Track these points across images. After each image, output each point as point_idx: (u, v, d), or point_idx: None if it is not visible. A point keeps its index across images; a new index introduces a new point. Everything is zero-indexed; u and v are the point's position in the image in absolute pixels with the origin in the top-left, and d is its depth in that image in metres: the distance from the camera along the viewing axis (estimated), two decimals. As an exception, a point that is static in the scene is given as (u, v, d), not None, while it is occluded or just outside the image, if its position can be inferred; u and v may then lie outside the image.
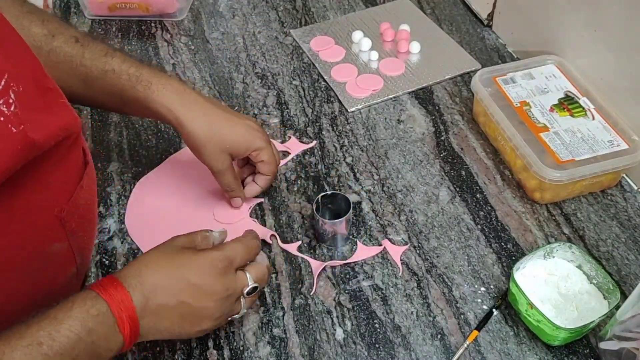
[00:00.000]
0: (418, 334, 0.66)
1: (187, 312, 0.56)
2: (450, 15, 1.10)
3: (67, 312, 0.50)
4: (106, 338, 0.51)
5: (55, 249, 0.56)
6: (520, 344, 0.65)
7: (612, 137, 0.78)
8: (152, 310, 0.54)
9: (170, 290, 0.55)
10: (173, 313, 0.55)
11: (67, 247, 0.57)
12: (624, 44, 0.78)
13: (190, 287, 0.56)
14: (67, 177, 0.57)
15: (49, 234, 0.55)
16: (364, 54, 1.01)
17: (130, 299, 0.53)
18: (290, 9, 1.12)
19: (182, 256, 0.58)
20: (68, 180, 0.57)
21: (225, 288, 0.58)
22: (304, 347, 0.65)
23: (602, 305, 0.64)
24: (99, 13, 1.09)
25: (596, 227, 0.75)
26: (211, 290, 0.57)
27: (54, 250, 0.56)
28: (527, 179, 0.78)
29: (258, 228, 0.75)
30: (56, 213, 0.55)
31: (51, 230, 0.55)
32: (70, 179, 0.58)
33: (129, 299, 0.53)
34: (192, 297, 0.56)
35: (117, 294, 0.53)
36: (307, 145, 0.86)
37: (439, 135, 0.88)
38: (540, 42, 0.94)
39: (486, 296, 0.69)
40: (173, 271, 0.56)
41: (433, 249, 0.73)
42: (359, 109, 0.92)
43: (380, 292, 0.69)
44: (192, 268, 0.57)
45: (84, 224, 0.61)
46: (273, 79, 0.97)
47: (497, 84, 0.86)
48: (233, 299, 0.59)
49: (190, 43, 1.05)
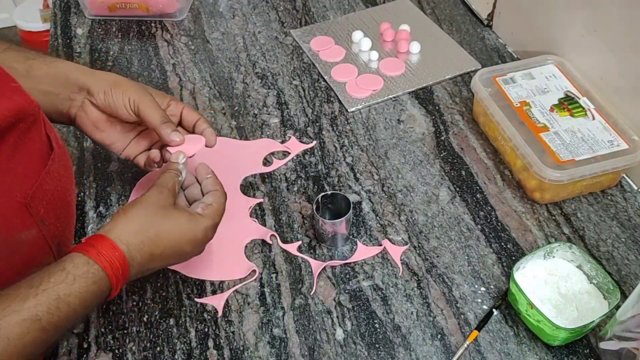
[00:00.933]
0: (418, 334, 0.66)
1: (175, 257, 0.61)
2: (451, 15, 1.10)
3: (69, 287, 0.52)
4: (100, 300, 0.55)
5: (25, 237, 0.56)
6: (520, 344, 0.65)
7: (612, 137, 0.78)
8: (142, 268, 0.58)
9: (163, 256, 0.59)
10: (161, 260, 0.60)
11: (38, 235, 0.57)
12: (624, 44, 0.78)
13: (184, 254, 0.62)
14: (29, 163, 0.57)
15: (15, 221, 0.55)
16: (364, 54, 1.01)
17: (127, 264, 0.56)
18: (290, 9, 1.12)
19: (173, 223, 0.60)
20: (30, 165, 0.58)
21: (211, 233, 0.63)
22: (304, 347, 0.65)
23: (602, 305, 0.64)
24: (99, 13, 1.09)
25: (596, 227, 0.75)
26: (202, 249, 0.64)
27: (24, 237, 0.56)
28: (527, 179, 0.78)
29: (258, 228, 0.75)
30: (20, 199, 0.55)
31: (17, 217, 0.55)
32: (32, 165, 0.58)
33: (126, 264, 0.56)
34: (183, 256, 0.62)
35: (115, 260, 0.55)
36: (307, 145, 0.86)
37: (439, 135, 0.88)
38: (540, 42, 0.94)
39: (486, 296, 0.69)
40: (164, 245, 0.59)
41: (433, 249, 0.73)
42: (359, 109, 0.92)
43: (381, 292, 0.69)
44: (185, 241, 0.60)
45: (57, 212, 0.61)
46: (273, 79, 0.97)
47: (497, 84, 0.86)
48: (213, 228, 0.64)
49: (190, 43, 1.05)
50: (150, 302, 0.68)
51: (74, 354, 0.64)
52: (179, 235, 0.60)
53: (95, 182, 0.81)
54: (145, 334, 0.66)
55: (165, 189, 0.62)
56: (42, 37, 2.23)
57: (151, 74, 0.98)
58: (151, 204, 0.60)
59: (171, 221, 0.59)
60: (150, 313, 0.67)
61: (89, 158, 0.84)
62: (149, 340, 0.65)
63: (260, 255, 0.73)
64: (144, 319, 0.67)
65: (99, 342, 0.65)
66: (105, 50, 1.03)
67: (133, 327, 0.66)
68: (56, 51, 1.03)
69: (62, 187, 0.63)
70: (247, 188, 0.81)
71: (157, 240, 0.58)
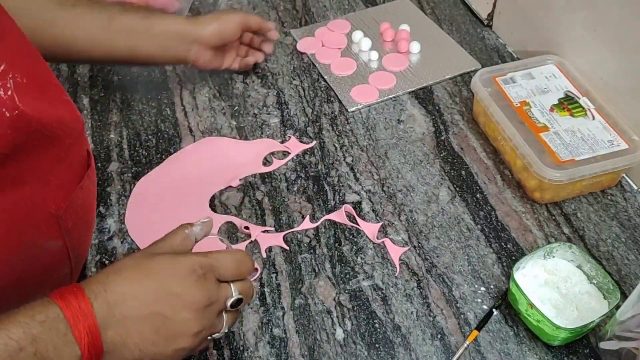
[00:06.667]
0: (418, 334, 0.66)
1: (161, 325, 0.49)
2: (450, 15, 1.10)
3: (10, 316, 0.44)
4: (56, 348, 0.44)
5: (50, 246, 0.56)
6: (520, 344, 0.65)
7: (612, 137, 0.78)
8: (119, 321, 0.47)
9: (141, 299, 0.48)
10: (144, 326, 0.48)
11: (62, 246, 0.57)
12: (624, 44, 0.78)
13: (165, 296, 0.49)
14: (67, 177, 0.57)
15: (44, 230, 0.55)
16: (364, 54, 1.01)
17: (90, 306, 0.46)
18: (290, 9, 1.12)
19: (158, 261, 0.51)
20: (68, 179, 0.57)
21: (205, 296, 0.50)
22: (304, 347, 0.65)
23: (602, 305, 0.64)
24: (99, 13, 1.09)
25: (596, 227, 0.75)
26: (189, 298, 0.49)
27: (48, 246, 0.56)
28: (527, 179, 0.78)
29: (257, 228, 0.76)
30: (53, 211, 0.55)
31: (46, 227, 0.55)
32: (70, 179, 0.58)
33: (89, 306, 0.46)
34: (167, 307, 0.49)
35: (75, 300, 0.46)
36: (307, 145, 0.86)
37: (439, 135, 0.88)
38: (540, 42, 0.94)
39: (486, 296, 0.69)
40: (145, 278, 0.49)
41: (433, 248, 0.73)
42: (359, 108, 0.92)
43: (380, 292, 0.69)
44: (167, 274, 0.50)
45: (81, 225, 0.61)
46: (273, 79, 0.97)
47: (497, 84, 0.86)
48: (214, 312, 0.52)
49: (190, 43, 1.04)
50: (150, 302, 0.68)
51: (74, 354, 0.64)
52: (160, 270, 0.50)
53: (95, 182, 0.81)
54: (145, 334, 0.66)
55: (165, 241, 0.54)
56: (42, 37, 2.22)
57: (151, 74, 0.98)
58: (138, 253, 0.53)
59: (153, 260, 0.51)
60: (150, 313, 0.67)
61: (89, 158, 0.84)
62: (149, 340, 0.65)
63: (260, 255, 0.73)
64: (144, 319, 0.67)
65: (99, 342, 0.65)
66: (105, 50, 1.03)
67: (133, 327, 0.66)
68: (56, 51, 1.03)
69: (89, 201, 0.63)
70: (247, 188, 0.81)
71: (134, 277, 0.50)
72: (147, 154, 0.85)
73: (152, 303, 0.49)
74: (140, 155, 0.85)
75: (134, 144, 0.86)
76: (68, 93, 0.93)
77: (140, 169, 0.83)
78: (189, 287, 0.50)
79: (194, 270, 0.50)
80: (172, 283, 0.49)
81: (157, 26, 0.81)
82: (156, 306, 0.49)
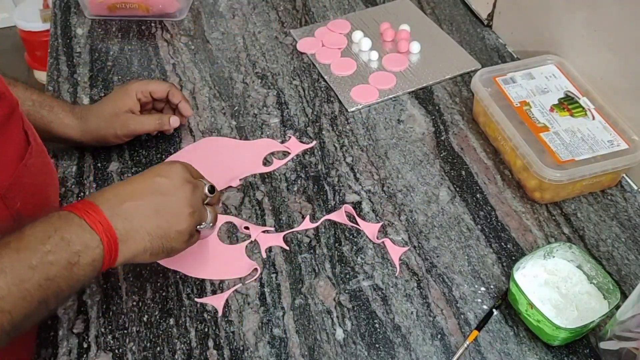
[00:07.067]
0: (418, 334, 0.66)
1: (160, 205, 0.58)
2: (450, 15, 1.10)
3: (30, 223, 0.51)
4: (77, 235, 0.52)
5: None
6: (520, 344, 0.65)
7: (612, 137, 0.78)
8: (123, 211, 0.56)
9: (136, 189, 0.58)
10: (145, 209, 0.57)
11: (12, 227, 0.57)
12: (624, 44, 0.78)
13: (157, 183, 0.59)
14: (6, 156, 0.59)
15: None
16: (364, 54, 1.01)
17: (93, 204, 0.55)
18: (290, 9, 1.12)
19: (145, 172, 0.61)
20: (7, 158, 0.59)
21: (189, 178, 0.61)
22: (304, 347, 0.65)
23: (602, 305, 0.64)
24: (99, 13, 1.09)
25: (596, 227, 0.75)
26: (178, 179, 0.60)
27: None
28: (527, 179, 0.78)
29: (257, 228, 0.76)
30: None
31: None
32: (9, 157, 0.59)
33: (92, 204, 0.55)
34: (161, 189, 0.59)
35: (79, 204, 0.54)
36: (307, 145, 0.86)
37: (439, 135, 0.88)
38: (540, 42, 0.94)
39: (486, 296, 0.69)
40: (132, 180, 0.60)
41: (433, 249, 0.73)
42: (359, 108, 0.92)
43: (380, 292, 0.69)
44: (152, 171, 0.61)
45: (35, 207, 0.62)
46: (273, 79, 0.97)
47: (497, 84, 0.86)
48: (199, 196, 0.62)
49: (190, 43, 1.05)
50: (150, 302, 0.68)
51: (74, 354, 0.64)
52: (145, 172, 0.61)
53: (95, 182, 0.81)
54: (145, 334, 0.66)
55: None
56: (42, 37, 2.23)
57: (151, 74, 0.98)
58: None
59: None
60: (150, 313, 0.67)
61: (88, 158, 0.84)
62: (149, 340, 0.65)
63: (260, 255, 0.73)
64: (144, 319, 0.67)
65: (99, 342, 0.65)
66: (105, 50, 1.03)
67: (133, 327, 0.66)
68: (56, 51, 1.03)
69: (41, 182, 0.64)
70: (247, 188, 0.81)
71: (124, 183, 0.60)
72: (147, 154, 0.85)
73: (147, 190, 0.59)
74: (140, 155, 0.85)
75: (134, 144, 0.86)
76: (68, 93, 0.94)
77: (140, 169, 0.83)
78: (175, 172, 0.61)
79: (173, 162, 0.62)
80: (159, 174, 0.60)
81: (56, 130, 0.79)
82: (150, 190, 0.58)
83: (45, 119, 0.77)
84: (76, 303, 0.68)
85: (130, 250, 0.57)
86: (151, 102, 0.83)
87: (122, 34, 1.07)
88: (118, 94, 0.81)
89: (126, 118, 0.80)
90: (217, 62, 1.00)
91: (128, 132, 0.81)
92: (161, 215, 0.58)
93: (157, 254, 0.60)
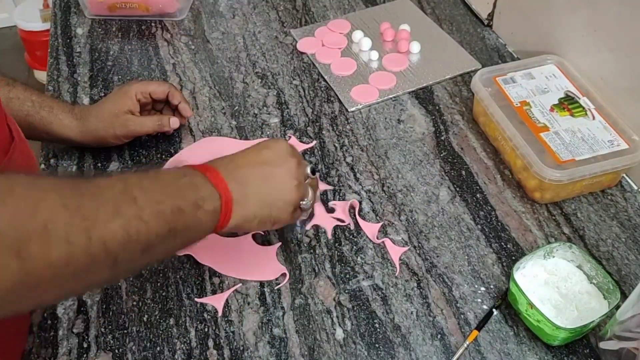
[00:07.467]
0: (418, 334, 0.66)
1: (269, 175, 0.61)
2: (451, 15, 1.10)
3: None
4: (203, 185, 0.55)
5: None
6: (520, 344, 0.65)
7: (612, 137, 0.78)
8: (237, 175, 0.58)
9: (247, 158, 0.61)
10: (256, 176, 0.60)
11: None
12: (624, 44, 0.78)
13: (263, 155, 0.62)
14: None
15: None
16: (364, 54, 1.01)
17: (211, 166, 0.57)
18: (290, 8, 1.12)
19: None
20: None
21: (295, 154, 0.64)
22: (304, 347, 0.65)
23: (602, 305, 0.64)
24: (99, 13, 1.09)
25: (596, 227, 0.75)
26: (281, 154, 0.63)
27: None
28: (527, 178, 0.78)
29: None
30: None
31: None
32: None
33: (211, 167, 0.57)
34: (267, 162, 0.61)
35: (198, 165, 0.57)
36: (307, 145, 0.86)
37: (439, 135, 0.88)
38: (540, 42, 0.94)
39: (486, 296, 0.69)
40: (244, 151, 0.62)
41: (433, 248, 0.73)
42: (359, 108, 0.92)
43: (380, 292, 0.69)
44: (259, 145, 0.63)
45: None
46: (273, 79, 0.97)
47: (497, 84, 0.86)
48: (303, 172, 0.64)
49: (190, 43, 1.05)
50: (150, 302, 0.68)
51: (74, 354, 0.64)
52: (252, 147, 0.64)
53: (95, 182, 0.81)
54: (145, 334, 0.66)
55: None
56: (42, 37, 2.23)
57: (151, 74, 0.98)
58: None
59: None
60: (150, 313, 0.67)
61: (88, 158, 0.84)
62: (149, 340, 0.65)
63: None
64: (144, 319, 0.67)
65: (99, 342, 0.65)
66: (105, 50, 1.03)
67: (133, 327, 0.66)
68: (56, 51, 1.03)
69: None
70: (247, 188, 0.81)
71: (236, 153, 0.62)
72: (147, 154, 0.85)
73: (257, 160, 0.61)
74: (140, 155, 0.85)
75: (134, 144, 0.86)
76: (68, 93, 0.94)
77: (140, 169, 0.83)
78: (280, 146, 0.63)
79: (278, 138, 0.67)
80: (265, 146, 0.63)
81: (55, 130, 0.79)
82: (260, 160, 0.61)
83: (45, 119, 0.77)
84: (76, 303, 0.68)
85: (242, 214, 0.58)
86: (151, 102, 0.83)
87: (122, 34, 1.07)
88: (117, 94, 0.81)
89: (126, 119, 0.80)
90: (217, 62, 1.00)
91: (128, 133, 0.81)
92: (270, 184, 0.61)
93: (264, 223, 0.61)
